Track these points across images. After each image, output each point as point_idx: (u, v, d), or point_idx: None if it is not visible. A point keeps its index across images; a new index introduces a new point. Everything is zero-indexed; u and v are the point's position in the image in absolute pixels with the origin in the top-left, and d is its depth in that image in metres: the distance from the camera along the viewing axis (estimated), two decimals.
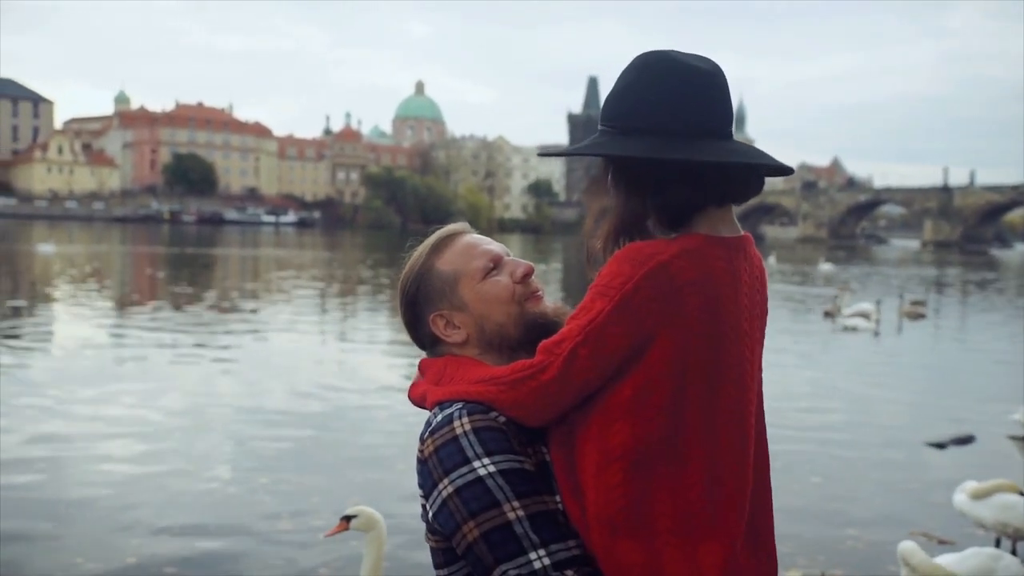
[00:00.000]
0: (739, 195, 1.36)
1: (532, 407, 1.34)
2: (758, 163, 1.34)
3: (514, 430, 1.36)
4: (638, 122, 1.33)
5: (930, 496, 6.35)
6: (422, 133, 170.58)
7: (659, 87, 1.32)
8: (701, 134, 1.31)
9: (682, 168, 1.31)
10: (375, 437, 7.63)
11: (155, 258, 37.35)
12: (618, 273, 1.30)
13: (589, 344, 1.29)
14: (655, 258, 1.29)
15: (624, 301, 1.28)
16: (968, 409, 9.60)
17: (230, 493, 6.10)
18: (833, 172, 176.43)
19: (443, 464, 1.34)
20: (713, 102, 1.33)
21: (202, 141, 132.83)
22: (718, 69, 1.34)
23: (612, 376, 1.31)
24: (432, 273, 1.51)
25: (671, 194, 1.33)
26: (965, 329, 19.26)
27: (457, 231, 1.56)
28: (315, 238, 74.30)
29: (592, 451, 1.32)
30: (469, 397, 1.37)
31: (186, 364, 11.29)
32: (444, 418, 1.37)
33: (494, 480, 1.32)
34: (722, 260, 1.33)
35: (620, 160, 1.36)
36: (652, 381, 1.29)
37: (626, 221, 1.37)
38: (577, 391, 1.32)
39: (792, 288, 29.04)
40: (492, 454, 1.33)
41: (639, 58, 1.35)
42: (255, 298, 21.20)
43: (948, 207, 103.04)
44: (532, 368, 1.33)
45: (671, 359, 1.29)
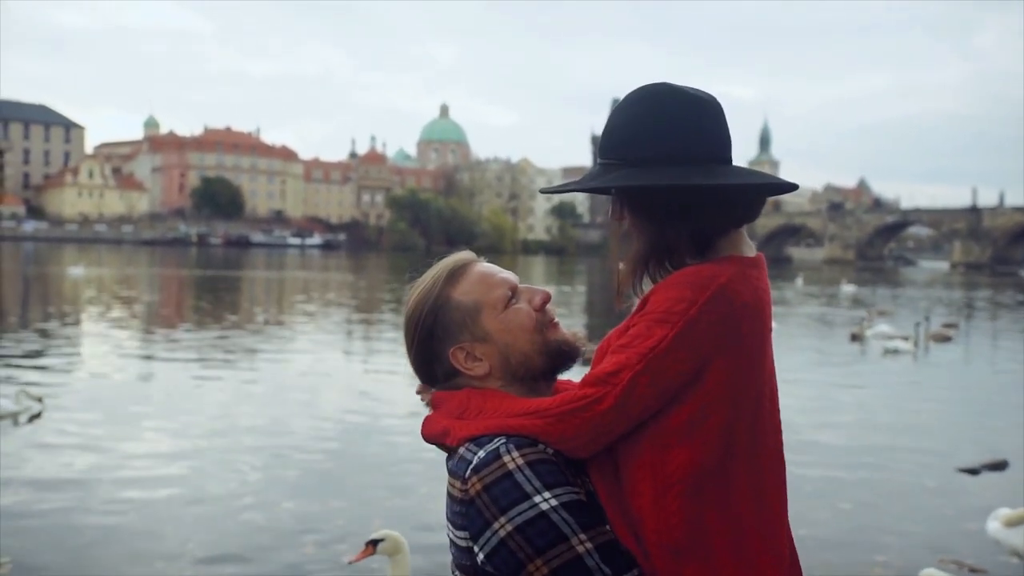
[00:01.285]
0: (752, 216, 1.41)
1: (583, 439, 1.32)
2: (773, 184, 1.38)
3: (564, 461, 1.33)
4: (650, 152, 1.34)
5: (962, 523, 6.22)
6: (446, 156, 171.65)
7: (669, 117, 1.34)
8: (714, 160, 1.35)
9: (709, 194, 1.33)
10: (399, 461, 7.62)
11: (182, 281, 37.75)
12: (680, 298, 1.30)
13: (651, 372, 1.29)
14: (715, 281, 1.30)
15: (688, 326, 1.28)
16: (1001, 434, 9.43)
17: (254, 518, 6.10)
18: (860, 193, 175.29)
19: (498, 502, 1.29)
20: (719, 129, 1.37)
21: (230, 165, 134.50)
22: (714, 99, 1.38)
23: (667, 402, 1.31)
24: (450, 305, 1.45)
25: (701, 220, 1.35)
26: (996, 352, 18.98)
27: (468, 260, 1.51)
28: (340, 260, 74.78)
29: (647, 478, 1.31)
30: (511, 431, 1.33)
31: (211, 387, 11.35)
32: (490, 454, 1.31)
33: (558, 514, 1.28)
34: (760, 281, 1.36)
35: (641, 191, 1.36)
36: (709, 405, 1.30)
37: (656, 249, 1.37)
38: (633, 420, 1.31)
39: (822, 310, 28.78)
40: (552, 487, 1.29)
41: (642, 90, 1.37)
42: (279, 321, 21.33)
43: (977, 228, 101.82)
44: (586, 399, 1.30)
45: (726, 382, 1.30)
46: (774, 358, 1.45)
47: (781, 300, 32.78)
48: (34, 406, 9.05)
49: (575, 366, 1.48)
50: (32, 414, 8.94)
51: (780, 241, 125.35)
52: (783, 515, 1.38)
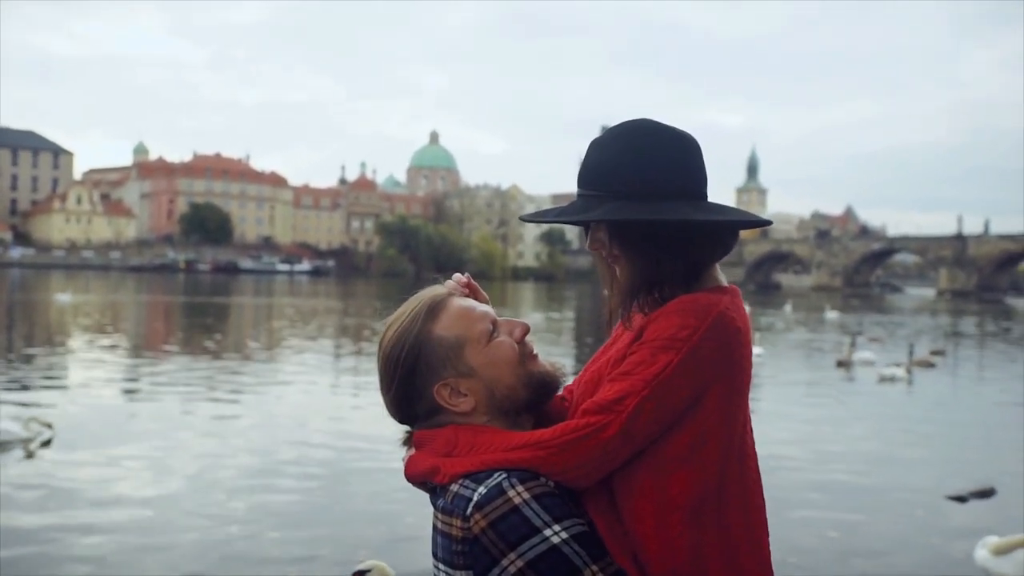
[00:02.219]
0: (730, 250, 1.46)
1: (587, 468, 1.32)
2: (754, 220, 1.44)
3: (566, 493, 1.33)
4: (643, 186, 1.37)
5: (951, 551, 6.22)
6: (436, 182, 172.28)
7: (654, 152, 1.37)
8: (696, 196, 1.38)
9: (700, 228, 1.38)
10: (385, 491, 7.57)
11: (169, 307, 37.59)
12: (683, 325, 1.32)
13: (656, 397, 1.31)
14: (716, 308, 1.34)
15: (692, 352, 1.31)
16: (988, 461, 9.45)
17: (239, 547, 6.04)
18: (846, 220, 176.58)
19: (506, 538, 1.27)
20: (700, 166, 1.41)
21: (219, 191, 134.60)
22: (694, 137, 1.43)
23: (669, 428, 1.33)
24: (433, 341, 1.42)
25: (693, 252, 1.39)
26: (982, 379, 19.06)
27: (445, 294, 1.48)
28: (329, 286, 74.66)
29: (649, 504, 1.33)
30: (511, 465, 1.32)
31: (197, 414, 11.27)
32: (492, 489, 1.29)
33: (570, 547, 1.28)
34: (743, 308, 1.41)
35: (638, 223, 1.37)
36: (708, 430, 1.34)
37: (647, 280, 1.40)
38: (637, 447, 1.33)
39: (809, 336, 28.88)
40: (560, 520, 1.29)
41: (626, 126, 1.40)
42: (267, 347, 21.24)
43: (963, 256, 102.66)
44: (590, 427, 1.31)
45: (722, 407, 1.35)
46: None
47: (771, 327, 32.88)
48: (44, 432, 9.01)
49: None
50: (43, 440, 8.90)
51: (768, 268, 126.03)
52: (767, 538, 1.42)
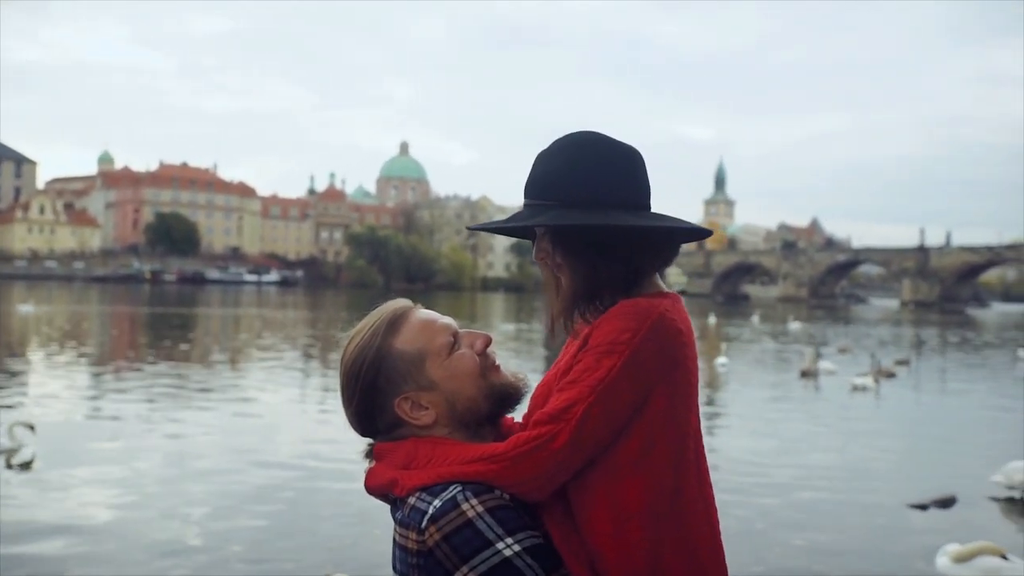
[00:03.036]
0: (672, 259, 1.48)
1: (540, 479, 1.33)
2: (695, 229, 1.46)
3: (521, 506, 1.34)
4: (588, 196, 1.39)
5: (912, 559, 6.30)
6: (406, 193, 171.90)
7: (599, 163, 1.39)
8: (639, 206, 1.41)
9: (640, 238, 1.39)
10: (350, 503, 7.51)
11: (134, 318, 37.08)
12: (624, 328, 1.33)
13: (601, 403, 1.31)
14: (655, 310, 1.35)
15: (634, 355, 1.32)
16: (949, 470, 9.59)
17: (201, 562, 5.96)
18: (812, 232, 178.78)
19: (459, 551, 1.27)
20: (643, 177, 1.43)
21: (185, 201, 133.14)
22: (637, 150, 1.46)
23: (618, 433, 1.33)
24: (393, 355, 1.43)
25: (633, 260, 1.41)
26: (944, 389, 19.35)
27: (406, 308, 1.49)
28: (297, 297, 74.09)
29: (603, 513, 1.33)
30: (466, 478, 1.32)
31: (160, 427, 11.12)
32: (447, 502, 1.30)
33: (522, 559, 1.28)
34: (684, 311, 1.42)
35: (579, 232, 1.40)
36: (656, 432, 1.34)
37: (589, 287, 1.42)
38: (587, 455, 1.33)
39: (776, 346, 29.16)
40: (513, 533, 1.29)
41: (571, 137, 1.43)
42: (233, 359, 21.02)
43: (925, 267, 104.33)
44: (540, 438, 1.32)
45: (669, 408, 1.35)
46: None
47: (739, 337, 33.13)
48: (28, 437, 8.89)
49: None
50: (24, 461, 8.66)
51: (736, 279, 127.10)
52: (720, 538, 1.44)
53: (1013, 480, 8.22)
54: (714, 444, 10.73)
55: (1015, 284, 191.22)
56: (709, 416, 13.44)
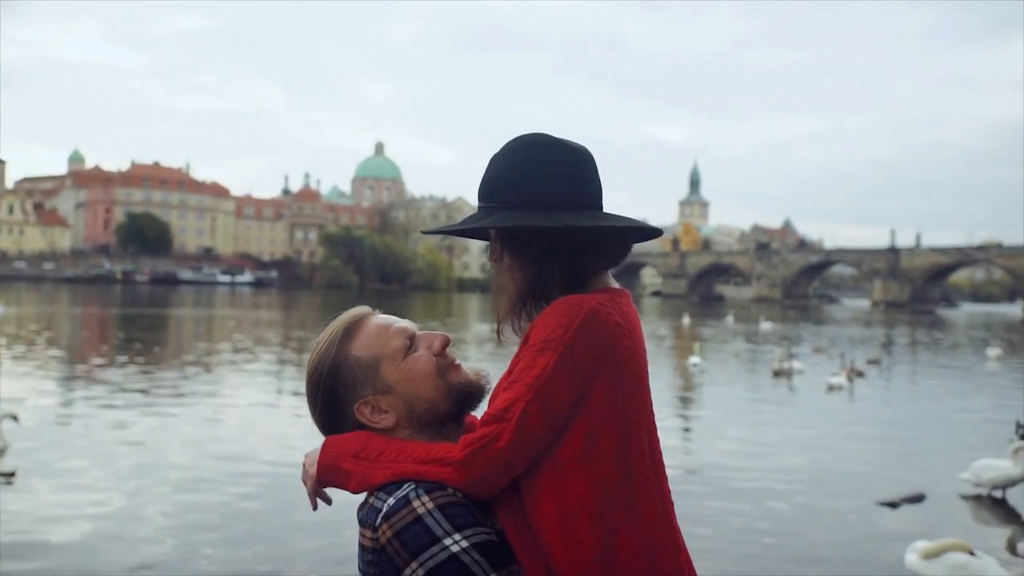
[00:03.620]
0: (621, 259, 1.48)
1: (488, 479, 1.34)
2: (642, 228, 1.46)
3: (474, 503, 1.35)
4: (532, 196, 1.40)
5: (882, 555, 6.37)
6: (381, 193, 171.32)
7: (546, 164, 1.40)
8: (588, 206, 1.42)
9: (585, 237, 1.40)
10: (324, 505, 7.47)
11: (105, 319, 36.65)
12: (556, 325, 1.34)
13: (539, 400, 1.32)
14: (586, 305, 1.36)
15: (567, 350, 1.32)
16: (919, 468, 9.70)
17: (172, 564, 5.90)
18: (785, 234, 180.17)
19: (408, 547, 1.29)
20: (592, 178, 1.44)
21: (158, 200, 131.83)
22: (588, 150, 1.47)
23: (560, 430, 1.34)
24: (349, 361, 1.46)
25: (575, 260, 1.42)
26: (914, 387, 19.58)
27: (363, 314, 1.52)
28: (271, 298, 73.57)
29: (551, 509, 1.34)
30: (419, 477, 1.35)
31: (131, 428, 11.00)
32: (399, 500, 1.32)
33: (469, 555, 1.29)
34: (628, 305, 1.43)
35: (524, 233, 1.42)
36: (599, 425, 1.34)
37: (533, 290, 1.44)
38: (532, 452, 1.34)
39: (749, 346, 29.37)
40: (461, 529, 1.30)
41: (520, 139, 1.44)
42: (206, 360, 20.84)
43: (896, 268, 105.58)
44: (485, 438, 1.33)
45: (610, 401, 1.35)
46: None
47: (714, 337, 33.32)
48: (10, 434, 8.85)
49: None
50: (6, 469, 8.43)
51: (710, 279, 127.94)
52: (678, 528, 1.43)
53: (981, 478, 8.33)
54: (686, 444, 10.79)
55: (983, 285, 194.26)
56: (682, 416, 13.51)
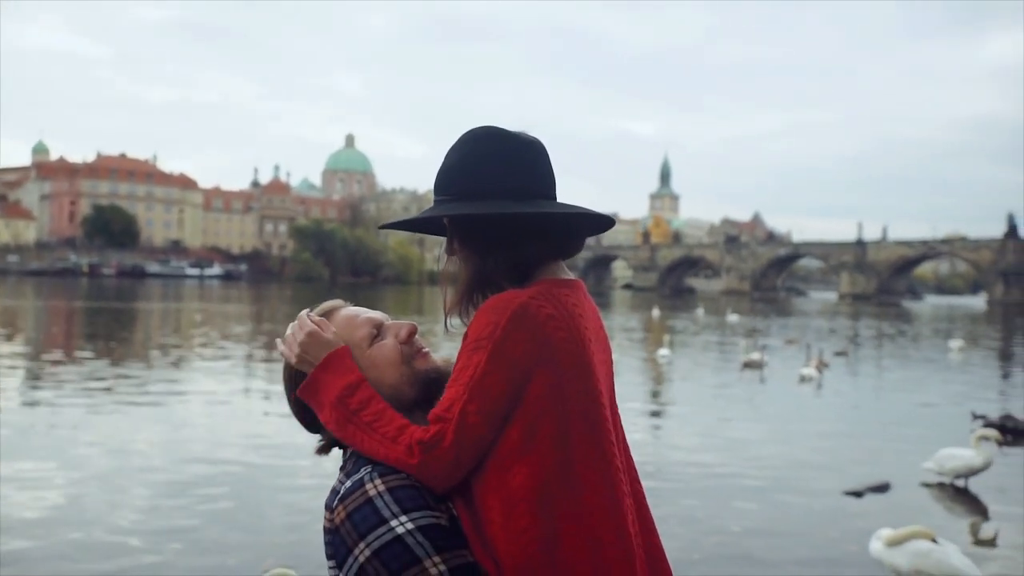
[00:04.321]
0: (572, 249, 1.49)
1: (440, 476, 1.37)
2: (587, 215, 1.46)
3: (428, 486, 1.38)
4: (479, 188, 1.42)
5: (846, 544, 6.47)
6: (352, 186, 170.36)
7: (493, 156, 1.41)
8: (533, 194, 1.42)
9: (527, 226, 1.41)
10: (295, 498, 7.45)
11: (71, 313, 36.13)
12: (486, 323, 1.36)
13: (475, 399, 1.34)
14: (515, 301, 1.37)
15: (497, 347, 1.34)
16: (883, 457, 9.85)
17: (140, 560, 5.85)
18: (754, 227, 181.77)
19: (358, 528, 1.33)
20: (540, 167, 1.44)
21: (124, 193, 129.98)
22: (539, 140, 1.47)
23: (502, 424, 1.35)
24: None
25: (518, 251, 1.43)
26: (880, 378, 19.86)
27: (334, 307, 1.58)
28: (241, 291, 72.90)
29: (495, 501, 1.35)
30: (380, 460, 1.40)
31: (99, 423, 10.87)
32: (355, 482, 1.37)
33: (413, 537, 1.32)
34: (571, 296, 1.43)
35: (466, 224, 1.45)
36: (537, 419, 1.35)
37: (478, 281, 1.46)
38: (476, 449, 1.36)
39: (719, 339, 29.60)
40: (409, 512, 1.34)
41: (471, 132, 1.46)
42: (174, 354, 20.64)
43: (863, 261, 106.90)
44: (433, 438, 1.35)
45: (549, 394, 1.36)
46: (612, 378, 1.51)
47: (685, 330, 33.54)
48: None
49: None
50: None
51: (680, 272, 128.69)
52: (632, 520, 1.41)
53: (944, 467, 8.49)
54: (655, 435, 10.87)
55: (948, 277, 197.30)
56: (650, 407, 13.61)
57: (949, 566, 5.19)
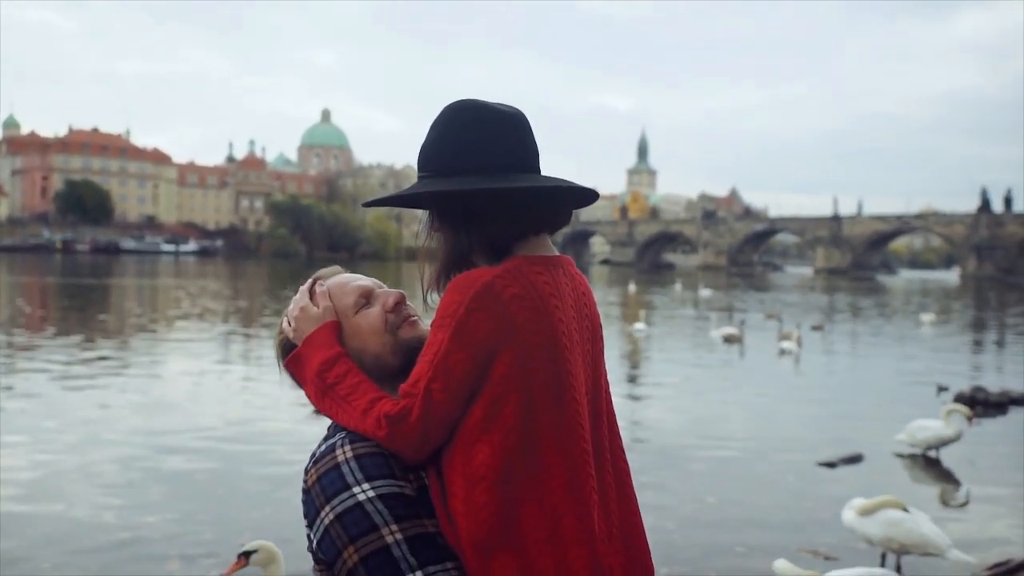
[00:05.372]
0: (552, 223, 1.46)
1: (409, 449, 1.38)
2: (566, 189, 1.43)
3: (398, 456, 1.40)
4: (455, 164, 1.41)
5: (820, 513, 6.56)
6: (328, 161, 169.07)
7: (469, 131, 1.40)
8: (512, 168, 1.40)
9: (502, 201, 1.39)
10: (273, 473, 7.43)
11: (45, 289, 35.72)
12: (450, 302, 1.37)
13: (439, 377, 1.34)
14: (480, 280, 1.36)
15: (459, 326, 1.34)
16: (857, 429, 9.98)
17: (115, 535, 5.82)
18: (731, 202, 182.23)
19: (325, 492, 1.37)
20: (520, 140, 1.42)
21: (97, 168, 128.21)
22: (520, 113, 1.45)
23: (468, 401, 1.36)
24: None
25: (493, 227, 1.42)
26: (855, 352, 20.08)
27: (329, 274, 1.62)
28: (217, 267, 72.35)
29: (458, 477, 1.36)
30: (352, 428, 1.42)
31: (73, 399, 10.79)
32: (328, 447, 1.41)
33: (373, 505, 1.34)
34: (543, 275, 1.40)
35: (443, 201, 1.44)
36: (500, 397, 1.35)
37: (454, 257, 1.45)
38: (441, 426, 1.37)
39: (695, 313, 29.79)
40: (372, 479, 1.36)
41: (450, 107, 1.44)
42: (149, 330, 20.48)
43: (838, 236, 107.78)
44: (401, 412, 1.36)
45: (513, 373, 1.35)
46: (603, 355, 1.50)
47: (663, 305, 33.70)
48: None
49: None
50: None
51: (658, 247, 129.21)
52: (598, 502, 1.39)
53: (916, 439, 8.61)
54: (631, 407, 10.94)
55: (922, 252, 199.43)
56: (626, 381, 13.69)
57: (919, 535, 5.27)
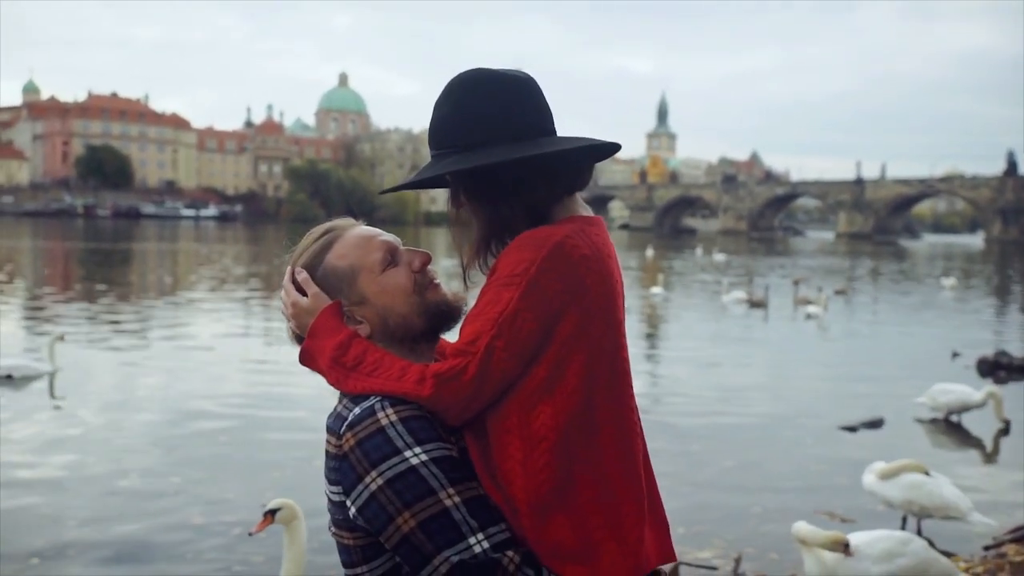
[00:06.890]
0: (581, 182, 1.45)
1: (455, 409, 1.35)
2: (594, 146, 1.42)
3: (438, 418, 1.36)
4: (481, 136, 1.38)
5: (838, 477, 6.55)
6: (346, 126, 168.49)
7: (492, 99, 1.38)
8: (534, 133, 1.39)
9: (534, 166, 1.37)
10: (294, 436, 7.51)
11: (69, 253, 36.06)
12: (520, 260, 1.34)
13: (504, 335, 1.32)
14: (552, 238, 1.34)
15: (531, 285, 1.32)
16: (878, 393, 9.93)
17: (140, 492, 5.92)
18: (752, 166, 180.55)
19: (369, 456, 1.31)
20: (539, 103, 1.41)
21: (116, 133, 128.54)
22: (529, 76, 1.42)
23: (528, 362, 1.34)
24: (325, 269, 1.48)
25: (531, 192, 1.40)
26: (877, 317, 19.95)
27: (344, 225, 1.53)
28: (236, 232, 72.73)
29: (515, 440, 1.35)
30: (389, 394, 1.35)
31: (101, 361, 10.93)
32: (365, 410, 1.34)
33: (428, 468, 1.31)
34: (599, 236, 1.41)
35: (475, 174, 1.40)
36: (564, 359, 1.34)
37: (493, 230, 1.42)
38: (498, 385, 1.35)
39: (714, 277, 29.66)
40: (423, 443, 1.32)
41: (457, 79, 1.41)
42: (173, 295, 20.65)
43: (860, 200, 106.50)
44: (453, 370, 1.33)
45: (578, 334, 1.34)
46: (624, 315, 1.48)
47: (684, 271, 33.55)
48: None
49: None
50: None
51: (677, 212, 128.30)
52: (644, 464, 1.43)
53: (937, 402, 8.56)
54: (650, 371, 10.94)
55: (945, 215, 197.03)
56: (643, 345, 13.68)
57: (940, 497, 5.27)
